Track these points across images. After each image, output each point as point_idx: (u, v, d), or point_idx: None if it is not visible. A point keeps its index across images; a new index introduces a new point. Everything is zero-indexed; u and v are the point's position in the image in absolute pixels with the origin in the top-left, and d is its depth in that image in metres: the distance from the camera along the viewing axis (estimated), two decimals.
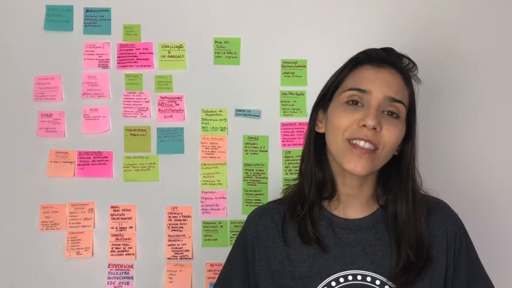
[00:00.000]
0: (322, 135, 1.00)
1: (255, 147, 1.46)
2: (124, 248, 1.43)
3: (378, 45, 1.01)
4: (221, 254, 1.42)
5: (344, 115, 0.92)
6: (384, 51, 0.98)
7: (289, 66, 1.46)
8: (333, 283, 0.93)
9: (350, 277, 0.93)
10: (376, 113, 0.90)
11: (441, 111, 1.46)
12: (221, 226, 1.44)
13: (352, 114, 0.92)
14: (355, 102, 0.93)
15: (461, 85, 1.46)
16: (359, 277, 0.93)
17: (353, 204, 0.99)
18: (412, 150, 0.98)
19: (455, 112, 1.46)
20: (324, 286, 0.93)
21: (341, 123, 0.92)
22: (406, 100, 0.95)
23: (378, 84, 0.92)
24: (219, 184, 1.45)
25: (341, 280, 0.93)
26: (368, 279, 0.93)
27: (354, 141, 0.91)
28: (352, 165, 0.90)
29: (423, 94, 1.17)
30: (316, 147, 1.02)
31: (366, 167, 0.90)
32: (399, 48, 1.00)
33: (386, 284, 0.92)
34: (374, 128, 0.89)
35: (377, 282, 0.93)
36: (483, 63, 1.46)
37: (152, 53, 1.46)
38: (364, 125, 0.89)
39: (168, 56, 1.46)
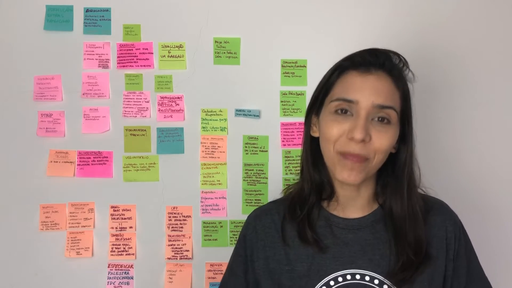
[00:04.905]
0: (318, 138, 0.99)
1: (255, 147, 1.45)
2: (124, 248, 1.43)
3: (378, 45, 0.99)
4: (221, 254, 1.42)
5: (334, 125, 0.91)
6: (369, 54, 0.94)
7: (289, 66, 1.46)
8: (332, 283, 0.93)
9: (348, 277, 0.93)
10: (364, 124, 0.88)
11: (438, 110, 1.45)
12: (221, 226, 1.44)
13: (341, 124, 0.91)
14: (344, 111, 0.91)
15: (459, 84, 1.45)
16: (357, 276, 0.93)
17: (352, 204, 0.99)
18: (408, 149, 0.97)
19: (453, 111, 1.45)
20: (323, 285, 0.93)
21: (331, 134, 0.91)
22: (397, 103, 0.92)
23: (365, 93, 0.90)
24: (219, 184, 1.45)
25: (340, 279, 0.93)
26: (367, 278, 0.93)
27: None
28: (346, 175, 0.91)
29: (420, 94, 1.17)
30: (312, 150, 1.02)
31: (358, 176, 0.90)
32: (398, 48, 0.98)
33: (385, 283, 0.92)
34: (363, 140, 0.88)
35: (376, 282, 0.92)
36: (480, 62, 1.45)
37: (152, 53, 1.46)
38: (353, 137, 0.88)
39: (168, 56, 1.46)
